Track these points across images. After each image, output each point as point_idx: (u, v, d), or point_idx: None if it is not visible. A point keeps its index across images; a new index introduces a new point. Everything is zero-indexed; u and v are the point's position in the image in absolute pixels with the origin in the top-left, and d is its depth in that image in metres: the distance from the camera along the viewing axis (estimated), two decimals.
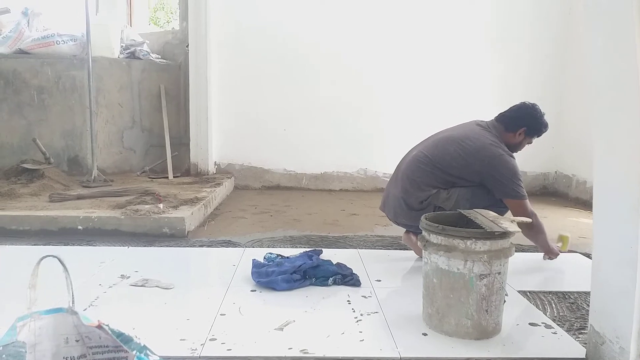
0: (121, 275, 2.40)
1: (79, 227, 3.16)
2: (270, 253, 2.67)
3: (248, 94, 5.11)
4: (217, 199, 4.25)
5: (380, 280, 2.41)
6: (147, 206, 3.33)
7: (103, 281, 2.32)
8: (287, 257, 2.59)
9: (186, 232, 3.22)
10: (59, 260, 1.14)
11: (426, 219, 1.89)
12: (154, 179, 4.69)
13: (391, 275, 2.52)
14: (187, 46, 5.13)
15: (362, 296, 2.21)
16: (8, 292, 2.18)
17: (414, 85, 5.10)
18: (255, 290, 2.25)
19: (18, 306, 1.24)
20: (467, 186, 2.53)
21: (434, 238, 1.81)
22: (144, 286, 2.27)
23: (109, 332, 1.08)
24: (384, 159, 4.80)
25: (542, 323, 1.96)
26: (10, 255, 2.77)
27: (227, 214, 4.02)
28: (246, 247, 3.01)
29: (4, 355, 0.90)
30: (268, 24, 5.04)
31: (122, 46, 5.45)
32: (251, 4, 5.03)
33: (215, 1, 4.93)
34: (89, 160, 4.68)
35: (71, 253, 2.78)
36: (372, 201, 4.47)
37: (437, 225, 1.79)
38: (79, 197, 3.70)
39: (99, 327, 1.10)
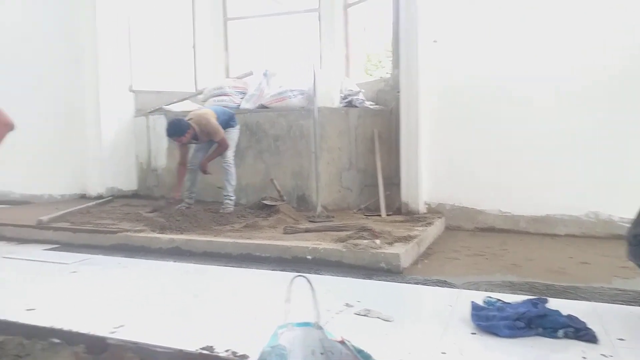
0: (346, 303, 2.60)
1: (308, 257, 3.54)
2: (489, 297, 2.58)
3: (458, 134, 5.08)
4: (428, 238, 4.28)
5: (623, 340, 2.11)
6: (365, 241, 3.55)
7: (330, 307, 2.54)
8: (509, 303, 2.46)
9: (401, 269, 3.32)
10: (307, 280, 1.33)
11: None
12: (368, 217, 4.97)
13: (638, 335, 2.18)
14: (398, 92, 5.40)
15: (601, 354, 1.96)
16: (259, 305, 2.56)
17: None
18: (475, 334, 2.20)
19: (268, 317, 1.47)
20: None
21: None
22: (367, 316, 2.42)
23: (351, 348, 1.20)
24: (622, 200, 4.19)
25: None
26: (259, 277, 3.28)
27: (440, 254, 4.01)
28: (462, 288, 2.96)
29: (273, 355, 1.09)
30: (479, 66, 4.97)
31: (341, 96, 6.03)
32: (459, 49, 5.05)
33: (425, 49, 5.09)
34: (314, 198, 5.22)
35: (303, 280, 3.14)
36: (607, 249, 3.95)
37: None
38: (307, 231, 4.14)
39: (342, 342, 1.23)
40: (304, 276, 1.42)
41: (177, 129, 4.80)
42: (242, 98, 6.37)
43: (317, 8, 7.14)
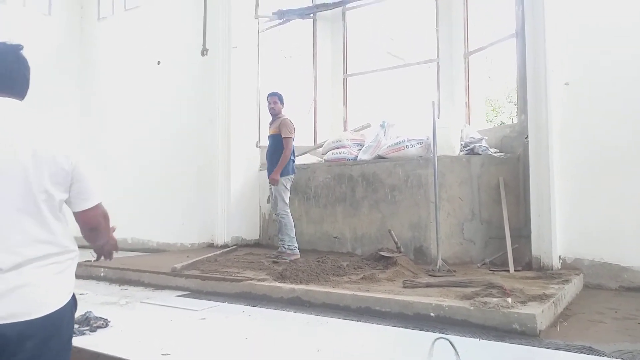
0: None
1: (431, 314, 3.34)
2: None
3: (599, 180, 4.60)
4: (566, 297, 3.85)
5: None
6: (494, 299, 3.28)
7: None
8: None
9: (537, 331, 3.00)
10: (451, 343, 1.23)
11: None
12: (494, 272, 4.62)
13: None
14: (526, 138, 5.09)
15: None
16: None
17: None
18: None
19: None
20: None
21: None
22: None
23: None
24: None
25: None
26: (381, 333, 3.15)
27: (581, 315, 3.57)
28: (613, 357, 2.59)
29: None
30: (618, 107, 4.53)
31: (461, 144, 5.84)
32: (595, 91, 4.65)
33: (555, 92, 4.76)
34: (433, 250, 5.01)
35: (429, 339, 2.95)
36: None
37: None
38: (428, 285, 3.95)
39: None
40: (446, 339, 1.31)
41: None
42: (359, 150, 6.45)
43: (435, 59, 7.16)
